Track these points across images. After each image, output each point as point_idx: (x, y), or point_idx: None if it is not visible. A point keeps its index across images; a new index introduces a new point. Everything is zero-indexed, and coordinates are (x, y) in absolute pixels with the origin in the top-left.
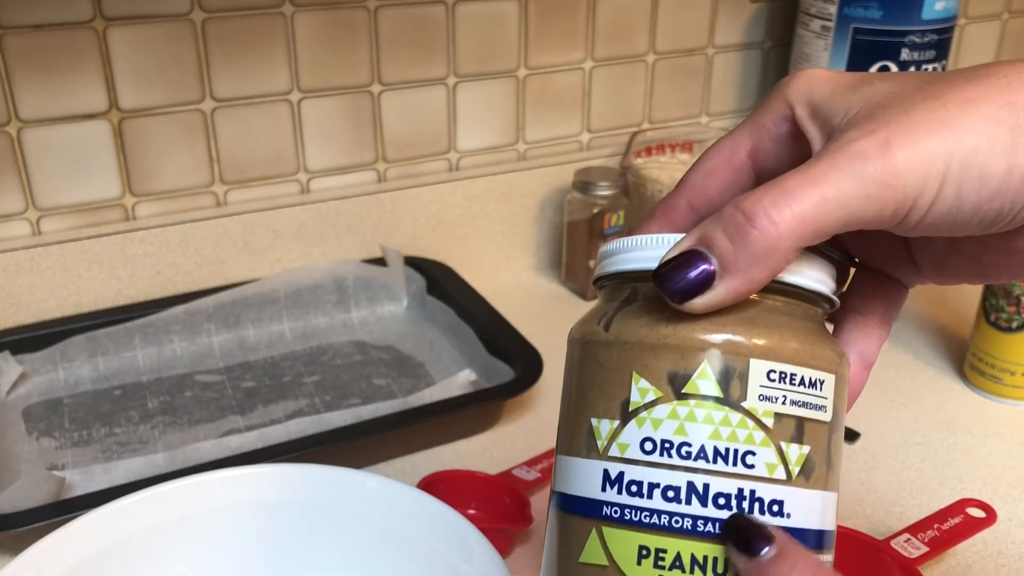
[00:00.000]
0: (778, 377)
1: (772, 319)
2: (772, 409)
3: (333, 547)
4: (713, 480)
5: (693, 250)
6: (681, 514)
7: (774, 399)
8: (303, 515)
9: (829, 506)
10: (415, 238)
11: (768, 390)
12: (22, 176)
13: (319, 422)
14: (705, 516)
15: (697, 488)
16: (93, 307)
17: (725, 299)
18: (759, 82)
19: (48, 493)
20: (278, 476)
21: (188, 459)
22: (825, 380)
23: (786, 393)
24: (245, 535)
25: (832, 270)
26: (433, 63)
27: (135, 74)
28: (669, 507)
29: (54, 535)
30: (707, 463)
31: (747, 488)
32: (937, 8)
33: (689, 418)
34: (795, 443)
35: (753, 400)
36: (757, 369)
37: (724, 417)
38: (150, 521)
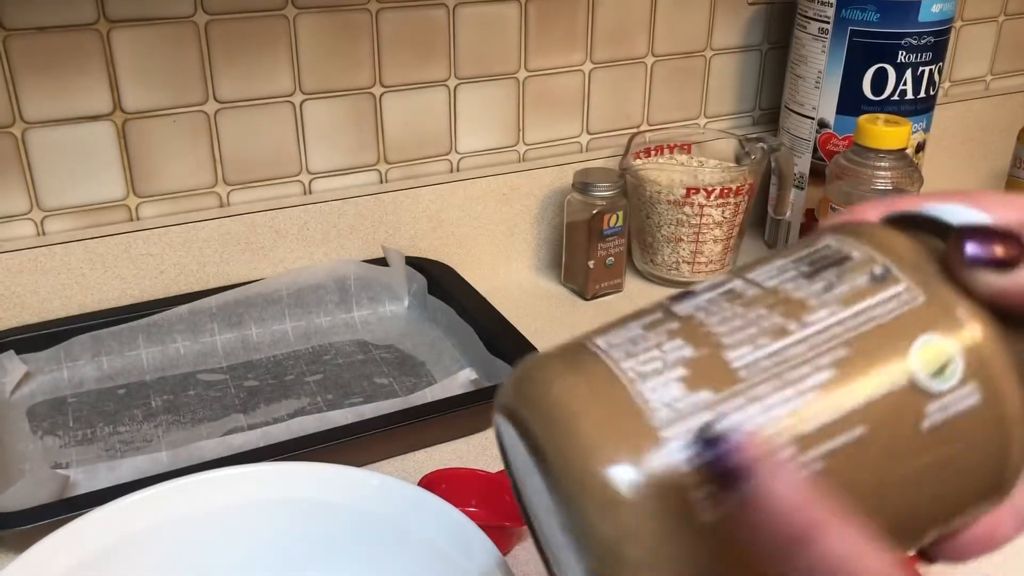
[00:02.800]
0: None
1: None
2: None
3: (335, 545)
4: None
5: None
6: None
7: None
8: (305, 513)
9: None
10: (416, 238)
11: None
12: (26, 177)
13: (321, 420)
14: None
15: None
16: (97, 307)
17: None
18: (757, 84)
19: (52, 491)
20: (280, 474)
21: (191, 457)
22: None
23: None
24: (248, 533)
25: None
26: (434, 65)
27: (139, 76)
28: None
29: (58, 533)
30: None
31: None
32: (934, 10)
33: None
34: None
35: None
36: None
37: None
38: (153, 519)
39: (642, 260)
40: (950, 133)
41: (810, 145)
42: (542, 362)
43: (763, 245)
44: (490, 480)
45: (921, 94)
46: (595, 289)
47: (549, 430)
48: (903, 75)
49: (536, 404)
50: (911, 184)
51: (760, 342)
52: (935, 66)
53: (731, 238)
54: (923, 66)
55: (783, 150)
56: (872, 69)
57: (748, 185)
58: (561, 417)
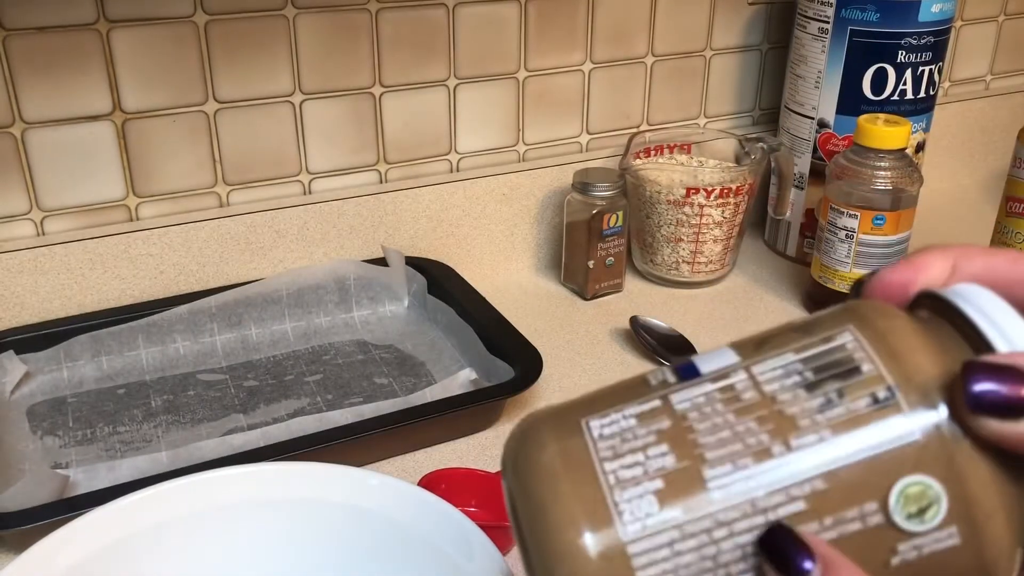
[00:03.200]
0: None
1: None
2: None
3: (334, 545)
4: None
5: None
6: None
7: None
8: (305, 513)
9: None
10: (416, 238)
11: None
12: (26, 177)
13: (321, 420)
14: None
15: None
16: (97, 307)
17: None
18: (757, 84)
19: (52, 491)
20: (280, 474)
21: (191, 457)
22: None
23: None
24: (248, 533)
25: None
26: (434, 65)
27: (138, 76)
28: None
29: (58, 533)
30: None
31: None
32: (934, 10)
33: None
34: None
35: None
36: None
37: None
38: (153, 519)
39: (642, 260)
40: (950, 133)
41: (810, 145)
42: (536, 434)
43: (763, 245)
44: (490, 480)
45: (921, 94)
46: (595, 289)
47: (528, 512)
48: (903, 75)
49: (520, 481)
50: (911, 184)
51: (741, 463)
52: (935, 66)
53: (731, 238)
54: (923, 66)
55: (783, 150)
56: (872, 69)
57: (748, 185)
58: (540, 506)
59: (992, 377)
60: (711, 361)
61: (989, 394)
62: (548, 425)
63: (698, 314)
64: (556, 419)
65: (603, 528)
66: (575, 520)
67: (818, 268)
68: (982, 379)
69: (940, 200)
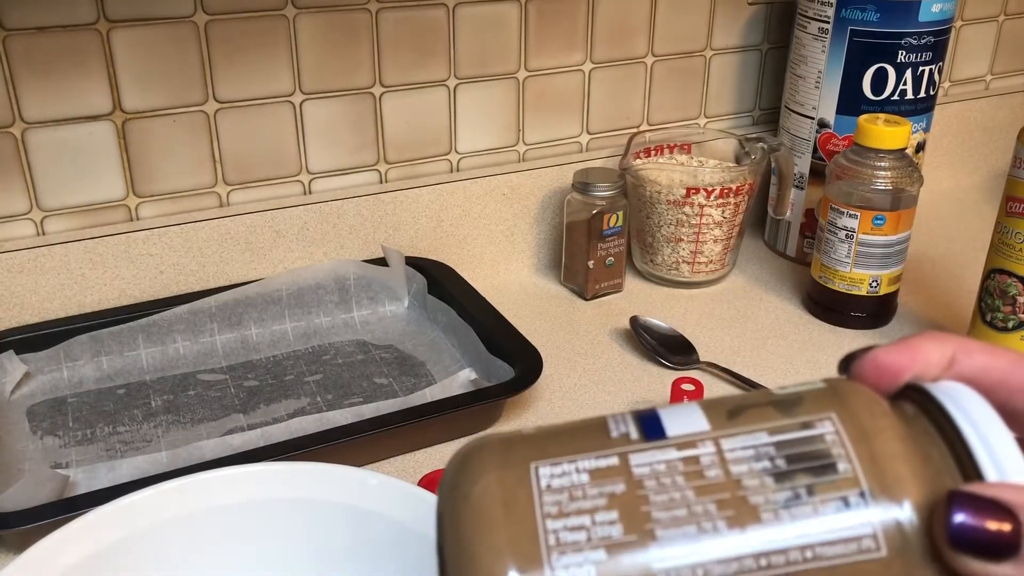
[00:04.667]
0: None
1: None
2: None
3: (334, 545)
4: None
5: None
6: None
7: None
8: (305, 513)
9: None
10: (416, 238)
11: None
12: (26, 177)
13: (321, 421)
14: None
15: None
16: (97, 307)
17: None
18: (757, 84)
19: (52, 491)
20: (280, 474)
21: (191, 457)
22: None
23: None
24: (247, 533)
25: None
26: (434, 65)
27: (138, 76)
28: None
29: (58, 533)
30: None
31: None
32: (934, 10)
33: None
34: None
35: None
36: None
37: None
38: (153, 519)
39: (642, 260)
40: (950, 133)
41: (810, 145)
42: (480, 467)
43: (763, 245)
44: None
45: (921, 94)
46: (595, 289)
47: (456, 551)
48: (903, 75)
49: (454, 516)
50: (911, 184)
51: (693, 548)
52: (935, 66)
53: (731, 238)
54: (923, 66)
55: (783, 150)
56: (872, 69)
57: (748, 185)
58: (470, 550)
59: (977, 513)
60: (678, 421)
61: (971, 531)
62: (495, 461)
63: (698, 314)
64: (504, 454)
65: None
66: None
67: (818, 268)
68: (966, 513)
69: (940, 200)
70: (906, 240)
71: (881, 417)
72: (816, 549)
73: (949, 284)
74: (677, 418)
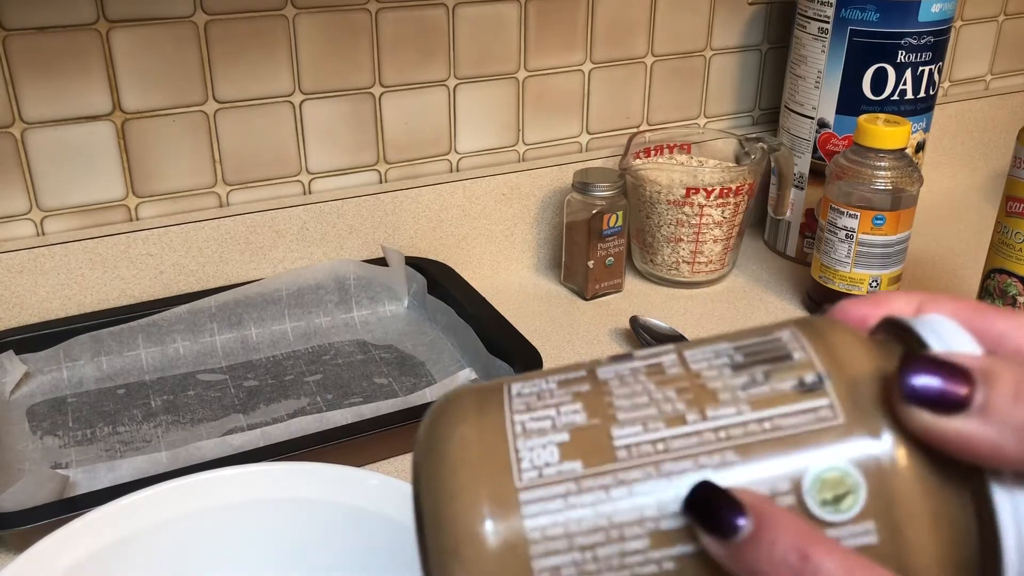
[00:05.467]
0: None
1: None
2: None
3: (334, 545)
4: None
5: (963, 369)
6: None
7: None
8: (305, 513)
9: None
10: (416, 238)
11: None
12: (26, 177)
13: (321, 421)
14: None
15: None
16: (96, 307)
17: (965, 442)
18: (757, 84)
19: (52, 492)
20: (280, 474)
21: (191, 457)
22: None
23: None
24: (247, 533)
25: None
26: (434, 65)
27: (138, 76)
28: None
29: (57, 533)
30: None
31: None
32: (934, 10)
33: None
34: None
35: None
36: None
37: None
38: (153, 519)
39: (642, 260)
40: (950, 133)
41: (810, 145)
42: (458, 393)
43: (763, 245)
44: None
45: (921, 94)
46: (595, 289)
47: (427, 456)
48: (903, 75)
49: (428, 432)
50: (911, 184)
51: (652, 425)
52: (935, 66)
53: (731, 238)
54: (923, 66)
55: (783, 150)
56: (872, 69)
57: (748, 185)
58: (440, 450)
59: (930, 369)
60: (648, 351)
61: (925, 385)
62: (473, 394)
63: (698, 314)
64: (482, 388)
65: (499, 472)
66: (470, 461)
67: (818, 268)
68: (920, 370)
69: (940, 200)
70: (906, 240)
71: (838, 324)
72: (775, 420)
73: (949, 284)
74: (646, 350)
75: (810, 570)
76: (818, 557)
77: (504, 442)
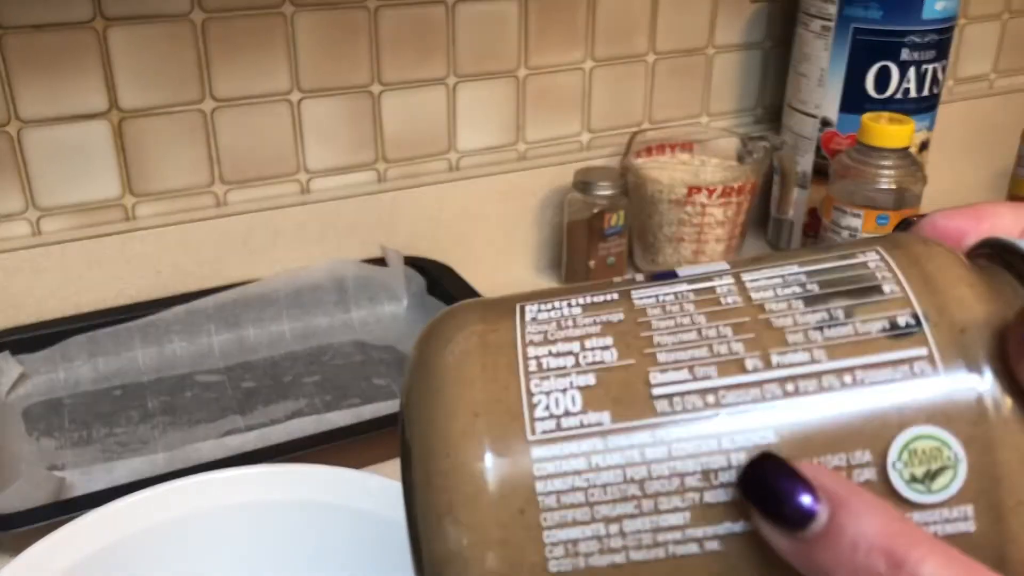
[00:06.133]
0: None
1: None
2: None
3: (333, 547)
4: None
5: None
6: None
7: None
8: (303, 515)
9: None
10: (415, 238)
11: None
12: (22, 176)
13: (319, 422)
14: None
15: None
16: (93, 307)
17: None
18: (759, 82)
19: (48, 493)
20: (278, 476)
21: (188, 459)
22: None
23: None
24: (245, 535)
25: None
26: (433, 63)
27: (135, 74)
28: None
29: (54, 535)
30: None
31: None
32: (937, 8)
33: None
34: None
35: None
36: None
37: None
38: (150, 521)
39: (643, 260)
40: (954, 131)
41: (813, 144)
42: (459, 312)
43: (766, 245)
44: None
45: (925, 92)
46: None
47: (421, 392)
48: (906, 73)
49: (423, 358)
50: (914, 183)
51: (701, 371)
52: (939, 64)
53: (733, 238)
54: (927, 64)
55: (786, 149)
56: (875, 67)
57: (750, 184)
58: (437, 384)
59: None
60: (695, 268)
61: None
62: (478, 307)
63: None
64: (489, 303)
65: (506, 419)
66: (474, 403)
67: None
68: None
69: (944, 199)
70: None
71: (937, 246)
72: (857, 374)
73: None
74: (696, 267)
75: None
76: (913, 561)
77: (515, 379)
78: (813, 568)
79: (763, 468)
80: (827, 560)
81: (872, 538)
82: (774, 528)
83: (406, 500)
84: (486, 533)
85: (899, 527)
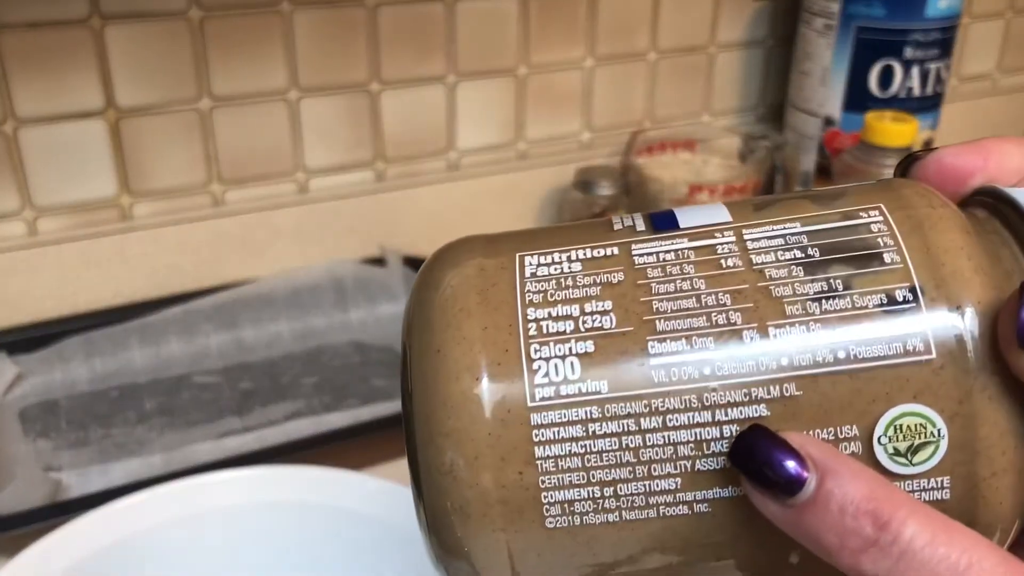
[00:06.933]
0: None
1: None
2: None
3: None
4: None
5: None
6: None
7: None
8: (301, 517)
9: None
10: (414, 238)
11: None
12: (18, 175)
13: (317, 423)
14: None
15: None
16: (90, 307)
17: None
18: (761, 81)
19: (44, 495)
20: (276, 478)
21: (185, 460)
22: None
23: None
24: (243, 537)
25: None
26: (432, 61)
27: (132, 72)
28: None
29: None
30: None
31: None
32: (941, 6)
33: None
34: None
35: None
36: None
37: None
38: (147, 523)
39: None
40: (958, 130)
41: (815, 143)
42: (455, 257)
43: None
44: None
45: (928, 91)
46: None
47: (421, 348)
48: (910, 71)
49: (423, 309)
50: None
51: (699, 341)
52: (942, 62)
53: None
54: (930, 62)
55: (788, 147)
56: (878, 65)
57: (752, 183)
58: (437, 343)
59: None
60: (696, 215)
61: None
62: (475, 250)
63: None
64: (487, 246)
65: (506, 384)
66: (475, 367)
67: None
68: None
69: None
70: None
71: (941, 207)
72: (851, 350)
73: None
74: (695, 213)
75: (887, 540)
76: (897, 522)
77: (514, 343)
78: (802, 532)
79: (754, 439)
80: (816, 524)
81: (858, 502)
82: (765, 496)
83: (409, 458)
84: (487, 493)
85: (884, 492)
